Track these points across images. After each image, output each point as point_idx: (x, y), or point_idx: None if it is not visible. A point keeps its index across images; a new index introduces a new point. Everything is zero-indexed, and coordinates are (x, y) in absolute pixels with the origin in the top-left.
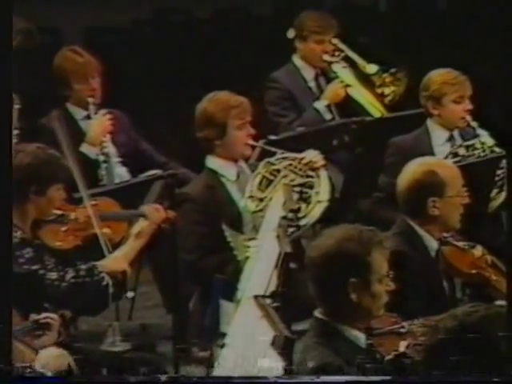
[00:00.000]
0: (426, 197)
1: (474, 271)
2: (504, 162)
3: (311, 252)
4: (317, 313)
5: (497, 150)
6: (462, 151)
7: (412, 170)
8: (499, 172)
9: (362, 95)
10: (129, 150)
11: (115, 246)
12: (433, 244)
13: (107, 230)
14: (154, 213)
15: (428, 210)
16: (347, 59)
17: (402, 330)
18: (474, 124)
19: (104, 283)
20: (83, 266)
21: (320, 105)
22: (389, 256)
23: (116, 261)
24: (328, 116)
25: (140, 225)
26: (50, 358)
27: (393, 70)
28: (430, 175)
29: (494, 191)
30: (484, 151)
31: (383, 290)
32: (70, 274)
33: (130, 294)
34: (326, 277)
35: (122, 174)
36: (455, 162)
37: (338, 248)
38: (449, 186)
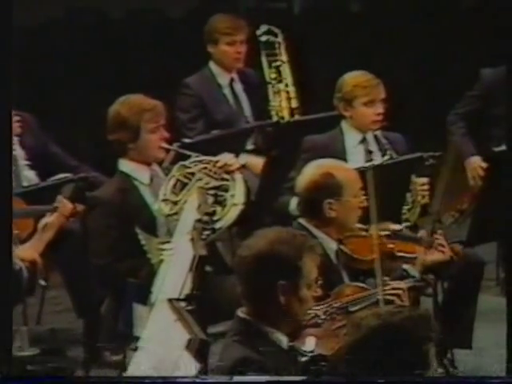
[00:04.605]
0: (322, 198)
1: (377, 255)
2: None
3: (242, 251)
4: (239, 312)
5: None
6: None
7: (310, 172)
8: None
9: None
10: (37, 152)
11: (22, 242)
12: (332, 245)
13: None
14: (60, 206)
15: (324, 212)
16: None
17: (319, 321)
18: (387, 127)
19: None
20: None
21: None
22: (319, 262)
23: (25, 251)
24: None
25: (47, 218)
26: None
27: None
28: (327, 177)
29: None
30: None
31: (310, 296)
32: None
33: (42, 282)
34: (255, 277)
35: (30, 177)
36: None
37: (270, 249)
38: (346, 189)
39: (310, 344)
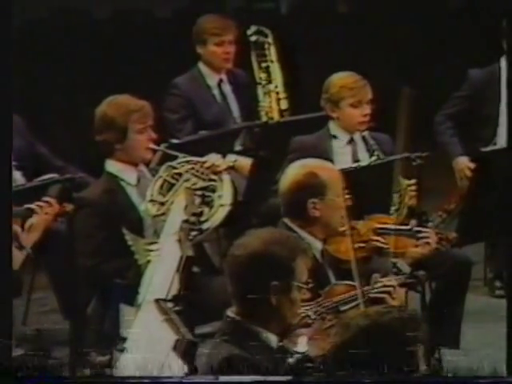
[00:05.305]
0: (306, 198)
1: (364, 253)
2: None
3: (235, 250)
4: (229, 312)
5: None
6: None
7: (293, 172)
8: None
9: None
10: (24, 153)
11: None
12: (317, 245)
13: None
14: (45, 207)
15: (309, 212)
16: None
17: (309, 321)
18: (374, 128)
19: None
20: None
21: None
22: (310, 265)
23: None
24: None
25: (33, 218)
26: None
27: None
28: (311, 177)
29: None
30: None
31: (299, 298)
32: None
33: (29, 251)
34: (247, 276)
35: (16, 177)
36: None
37: (264, 249)
38: (329, 188)
39: (301, 344)
